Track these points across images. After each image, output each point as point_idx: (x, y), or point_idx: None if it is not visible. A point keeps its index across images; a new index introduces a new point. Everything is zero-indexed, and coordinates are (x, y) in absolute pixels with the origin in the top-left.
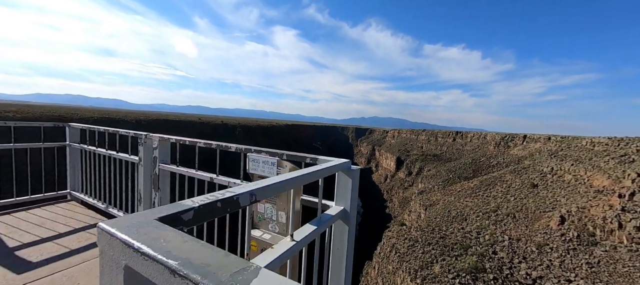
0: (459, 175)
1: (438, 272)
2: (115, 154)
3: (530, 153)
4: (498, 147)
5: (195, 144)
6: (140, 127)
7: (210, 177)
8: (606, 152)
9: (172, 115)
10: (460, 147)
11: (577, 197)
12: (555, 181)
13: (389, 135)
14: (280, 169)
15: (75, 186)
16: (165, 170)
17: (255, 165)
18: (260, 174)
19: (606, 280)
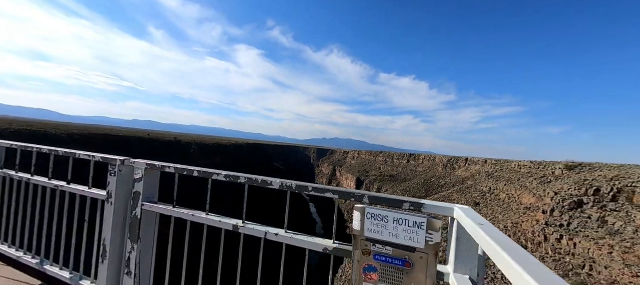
0: (414, 194)
1: None
2: (64, 186)
3: (471, 174)
4: (445, 169)
5: (209, 176)
6: (74, 143)
7: (234, 223)
8: (530, 174)
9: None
10: (414, 168)
11: (510, 213)
12: (493, 199)
13: (349, 156)
14: (431, 234)
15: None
16: (152, 212)
17: (375, 225)
18: (386, 239)
19: None
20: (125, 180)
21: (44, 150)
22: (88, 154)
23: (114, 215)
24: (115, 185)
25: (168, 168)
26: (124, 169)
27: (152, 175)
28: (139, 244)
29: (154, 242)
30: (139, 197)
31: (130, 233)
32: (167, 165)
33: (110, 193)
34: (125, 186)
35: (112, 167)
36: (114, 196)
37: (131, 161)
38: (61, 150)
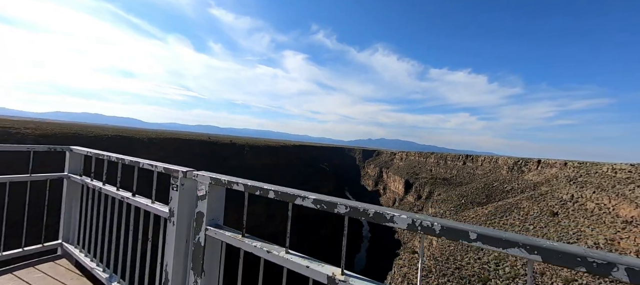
0: (472, 200)
1: None
2: (129, 198)
3: (546, 178)
4: (511, 172)
5: (291, 200)
6: (152, 145)
7: (330, 273)
8: (630, 180)
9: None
10: (471, 170)
11: (603, 228)
12: (577, 210)
13: (397, 158)
14: None
15: (71, 237)
16: (217, 239)
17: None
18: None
19: None
20: (189, 196)
21: (112, 159)
22: (151, 164)
23: (177, 238)
24: (177, 202)
25: (236, 185)
26: (187, 183)
27: (218, 192)
28: (203, 278)
29: (220, 278)
30: (203, 219)
31: (193, 263)
32: (235, 181)
33: (173, 211)
34: (189, 203)
35: (175, 180)
36: (177, 215)
37: (194, 174)
38: (127, 160)
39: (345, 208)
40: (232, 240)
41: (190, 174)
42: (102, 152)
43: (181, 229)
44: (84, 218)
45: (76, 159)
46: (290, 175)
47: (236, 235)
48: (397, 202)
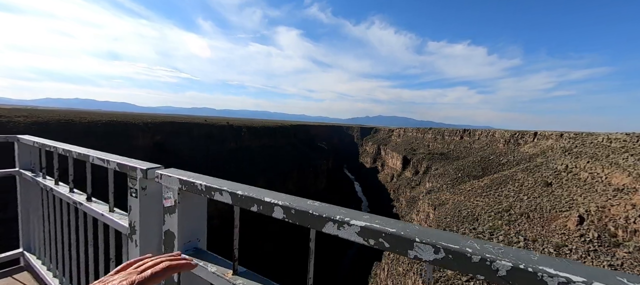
0: (468, 173)
1: (451, 274)
2: (83, 204)
3: (542, 150)
4: (508, 145)
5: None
6: (148, 130)
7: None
8: (624, 149)
9: (179, 117)
10: (468, 145)
11: (595, 196)
12: (570, 179)
13: (395, 134)
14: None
15: (32, 246)
16: (194, 276)
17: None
18: None
19: None
20: (156, 205)
21: (59, 151)
22: (103, 158)
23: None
24: (138, 213)
25: (220, 194)
26: (151, 187)
27: (194, 201)
28: None
29: None
30: (174, 241)
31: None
32: (218, 188)
33: (134, 225)
34: (156, 216)
35: (132, 182)
36: (139, 232)
37: (157, 173)
38: (75, 152)
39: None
40: (217, 279)
41: (151, 173)
42: (49, 142)
43: (147, 250)
44: (45, 223)
45: (26, 152)
46: (289, 155)
47: (225, 272)
48: (395, 178)
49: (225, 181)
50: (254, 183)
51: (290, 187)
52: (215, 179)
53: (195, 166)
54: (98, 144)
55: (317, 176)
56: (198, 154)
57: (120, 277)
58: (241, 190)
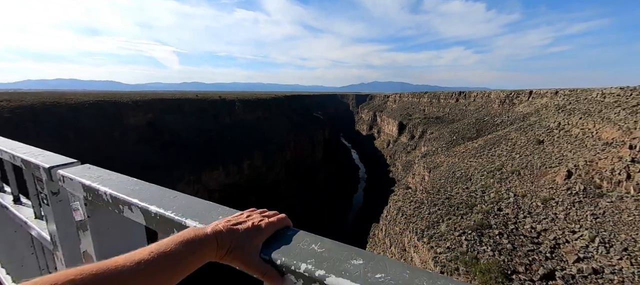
0: (463, 136)
1: (444, 230)
2: (11, 211)
3: (536, 109)
4: (503, 105)
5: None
6: (138, 109)
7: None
8: (617, 103)
9: (169, 93)
10: (464, 107)
11: (584, 151)
12: (562, 136)
13: (390, 100)
14: None
15: None
16: None
17: None
18: None
19: (610, 230)
20: (68, 215)
21: None
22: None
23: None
24: (54, 223)
25: (129, 209)
26: (63, 192)
27: (111, 217)
28: None
29: None
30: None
31: None
32: (128, 202)
33: (54, 238)
34: (72, 229)
35: (40, 186)
36: (60, 245)
37: (59, 175)
38: None
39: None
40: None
41: (56, 174)
42: None
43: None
44: None
45: None
46: (285, 127)
47: None
48: (391, 144)
49: (146, 186)
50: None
51: (289, 159)
52: (130, 181)
53: (191, 144)
54: (89, 126)
55: (314, 146)
56: (192, 131)
57: (255, 215)
58: (160, 206)
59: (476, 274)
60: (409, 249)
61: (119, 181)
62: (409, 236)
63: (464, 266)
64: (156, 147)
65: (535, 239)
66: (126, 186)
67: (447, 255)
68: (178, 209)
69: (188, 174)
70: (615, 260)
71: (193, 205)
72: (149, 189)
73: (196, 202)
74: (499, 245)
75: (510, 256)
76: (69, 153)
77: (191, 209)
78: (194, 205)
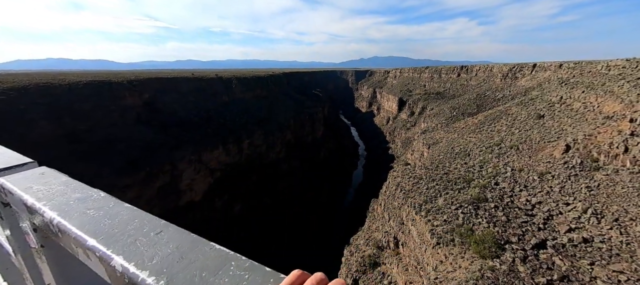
0: (463, 111)
1: (441, 204)
2: None
3: (538, 83)
4: (505, 80)
5: None
6: (134, 89)
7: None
8: (621, 76)
9: (164, 71)
10: (465, 82)
11: (584, 125)
12: (562, 110)
13: (391, 76)
14: None
15: None
16: None
17: None
18: None
19: (603, 202)
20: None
21: None
22: None
23: None
24: (13, 238)
25: (86, 255)
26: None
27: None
28: None
29: None
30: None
31: None
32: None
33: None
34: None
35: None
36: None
37: (4, 184)
38: None
39: None
40: None
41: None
42: None
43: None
44: None
45: None
46: (284, 105)
47: None
48: (391, 120)
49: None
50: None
51: (289, 137)
52: (94, 202)
53: (190, 123)
54: (85, 107)
55: (314, 124)
56: (190, 111)
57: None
58: (131, 257)
59: (471, 244)
60: (407, 222)
61: (76, 201)
62: (407, 210)
63: (460, 237)
64: (156, 127)
65: (529, 211)
66: (84, 212)
67: (444, 228)
68: (163, 262)
69: (189, 154)
70: (605, 230)
71: (188, 253)
72: (119, 215)
73: (190, 241)
74: (494, 218)
75: (504, 228)
76: (67, 135)
77: (185, 261)
78: (190, 253)
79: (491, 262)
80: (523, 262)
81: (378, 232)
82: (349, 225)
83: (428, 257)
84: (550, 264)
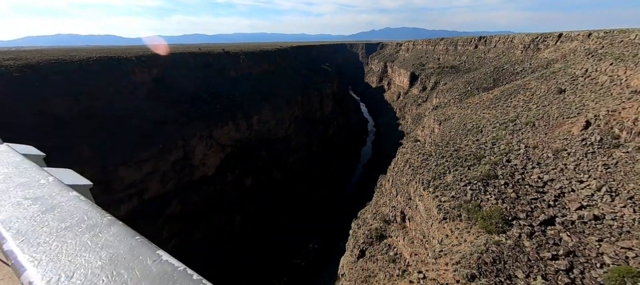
0: (478, 86)
1: (450, 181)
2: None
3: (562, 55)
4: (526, 51)
5: None
6: (143, 65)
7: None
8: None
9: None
10: (482, 54)
11: (608, 100)
12: (586, 84)
13: (403, 49)
14: None
15: None
16: None
17: None
18: None
19: (619, 179)
20: None
21: None
22: None
23: None
24: None
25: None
26: None
27: None
28: None
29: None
30: None
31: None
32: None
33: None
34: None
35: None
36: None
37: None
38: None
39: None
40: None
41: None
42: None
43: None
44: None
45: None
46: (292, 80)
47: None
48: (402, 96)
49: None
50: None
51: (297, 113)
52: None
53: (200, 100)
54: (99, 84)
55: (323, 100)
56: (199, 87)
57: None
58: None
59: (477, 219)
60: (414, 198)
61: (16, 187)
62: (415, 186)
63: (467, 213)
64: (167, 104)
65: (540, 189)
66: (19, 202)
67: (451, 203)
68: (84, 281)
69: (200, 131)
70: (619, 208)
71: (121, 267)
72: (58, 207)
73: (129, 248)
74: (503, 194)
75: (513, 204)
76: (83, 112)
77: (114, 280)
78: (123, 267)
79: (497, 237)
80: (529, 237)
81: (385, 206)
82: (356, 200)
83: (434, 231)
84: (557, 240)
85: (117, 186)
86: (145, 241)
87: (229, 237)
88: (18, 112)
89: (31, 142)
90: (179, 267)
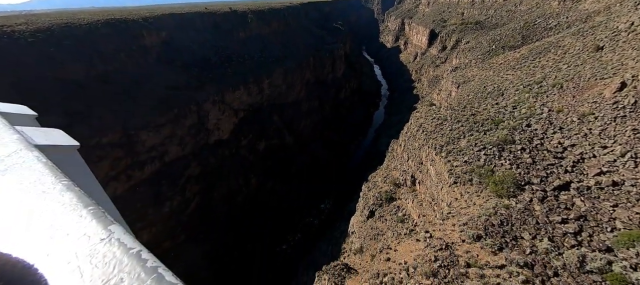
0: (504, 44)
1: (464, 146)
2: None
3: (607, 5)
4: (564, 2)
5: None
6: (149, 25)
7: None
8: None
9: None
10: (513, 7)
11: None
12: (629, 40)
13: (423, 3)
14: None
15: None
16: None
17: None
18: None
19: None
20: None
21: None
22: None
23: None
24: None
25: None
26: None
27: None
28: None
29: None
30: None
31: None
32: None
33: None
34: None
35: None
36: None
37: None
38: None
39: None
40: None
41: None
42: None
43: None
44: None
45: None
46: (303, 40)
47: None
48: (419, 56)
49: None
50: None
51: (309, 76)
52: None
53: (210, 63)
54: (110, 48)
55: (335, 63)
56: (209, 50)
57: None
58: None
59: (488, 184)
60: (426, 162)
61: None
62: (427, 151)
63: (478, 178)
64: (178, 68)
65: (559, 154)
66: None
67: (463, 168)
68: None
69: (212, 95)
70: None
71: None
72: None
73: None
74: (518, 159)
75: (527, 169)
76: (99, 76)
77: None
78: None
79: (507, 201)
80: (541, 202)
81: (396, 170)
82: (367, 164)
83: (443, 195)
84: (570, 205)
85: (139, 149)
86: (98, 213)
87: (245, 198)
88: (42, 78)
89: (58, 109)
90: (132, 249)
